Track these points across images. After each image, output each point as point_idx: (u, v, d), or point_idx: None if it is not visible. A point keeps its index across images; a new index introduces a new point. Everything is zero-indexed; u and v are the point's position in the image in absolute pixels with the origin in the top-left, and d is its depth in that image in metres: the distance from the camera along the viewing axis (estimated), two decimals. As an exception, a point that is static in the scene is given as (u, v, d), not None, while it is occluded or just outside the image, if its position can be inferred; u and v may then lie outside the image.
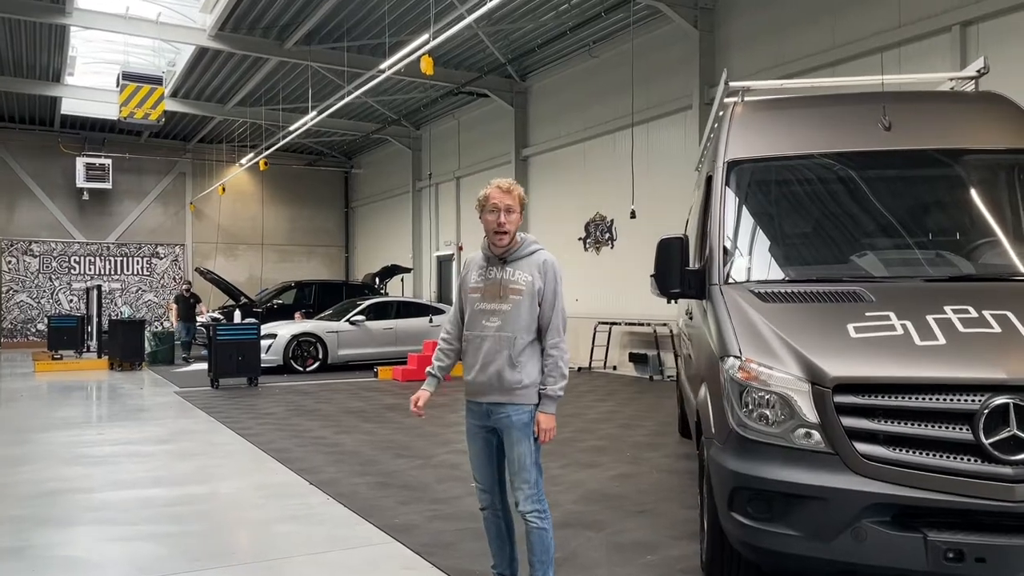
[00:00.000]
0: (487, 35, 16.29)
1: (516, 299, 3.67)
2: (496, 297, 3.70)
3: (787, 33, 12.52)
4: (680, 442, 8.26)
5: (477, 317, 3.75)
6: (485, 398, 3.74)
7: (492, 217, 3.70)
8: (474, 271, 3.84)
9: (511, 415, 3.70)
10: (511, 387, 3.67)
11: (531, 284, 3.69)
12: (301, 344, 16.06)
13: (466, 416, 3.88)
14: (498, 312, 3.68)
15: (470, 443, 3.90)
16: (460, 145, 22.08)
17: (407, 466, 7.29)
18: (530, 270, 3.72)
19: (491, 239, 3.76)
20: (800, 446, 3.45)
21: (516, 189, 3.76)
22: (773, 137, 4.93)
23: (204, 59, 18.40)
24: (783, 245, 4.53)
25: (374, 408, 11.07)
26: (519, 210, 3.74)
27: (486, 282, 3.76)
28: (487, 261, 3.80)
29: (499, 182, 3.76)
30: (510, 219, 3.69)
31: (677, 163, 14.49)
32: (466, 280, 3.86)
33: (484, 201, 3.74)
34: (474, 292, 3.79)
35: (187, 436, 8.98)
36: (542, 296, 3.70)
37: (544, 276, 3.72)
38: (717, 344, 3.96)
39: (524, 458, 3.72)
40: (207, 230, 27.54)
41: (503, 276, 3.71)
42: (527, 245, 3.79)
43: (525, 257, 3.75)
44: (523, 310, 3.66)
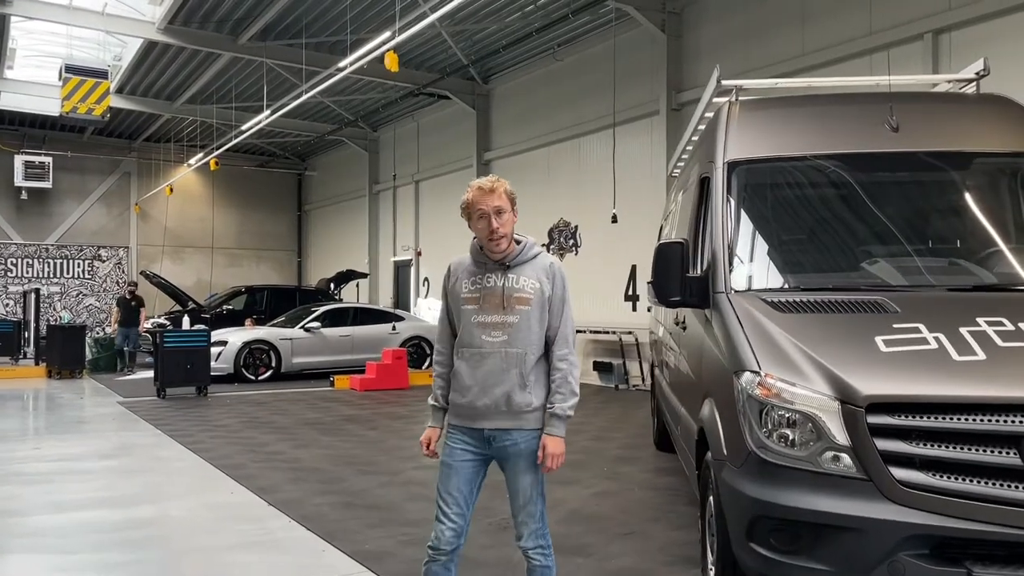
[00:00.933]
0: (450, 35, 15.91)
1: (524, 309, 3.23)
2: (499, 308, 3.23)
3: (757, 39, 12.38)
4: (657, 455, 7.95)
5: (474, 331, 3.26)
6: (487, 423, 3.26)
7: (482, 224, 3.24)
8: (465, 278, 3.34)
9: (519, 442, 3.26)
10: (520, 410, 3.23)
11: (539, 292, 3.26)
12: (253, 352, 15.45)
13: (450, 442, 3.35)
14: (503, 325, 3.22)
15: (451, 474, 3.32)
16: (419, 148, 21.63)
17: (373, 483, 6.85)
18: (536, 275, 3.29)
19: (487, 247, 3.29)
20: (829, 471, 3.14)
21: (500, 185, 3.26)
22: (776, 137, 4.65)
23: (152, 54, 17.68)
24: (793, 251, 4.24)
25: (333, 420, 10.57)
26: (511, 208, 3.27)
27: (484, 291, 3.27)
28: (481, 267, 3.32)
29: (480, 182, 3.27)
30: (503, 221, 3.23)
31: (643, 169, 14.28)
32: (456, 289, 3.36)
33: (468, 207, 3.27)
34: (469, 303, 3.29)
35: (132, 451, 8.40)
36: (550, 304, 3.29)
37: (552, 281, 3.31)
38: (729, 357, 3.63)
39: (531, 490, 3.29)
40: (153, 232, 26.59)
41: (506, 284, 3.25)
42: (530, 247, 3.35)
43: (529, 261, 3.32)
44: (533, 321, 3.24)
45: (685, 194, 6.38)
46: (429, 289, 21.33)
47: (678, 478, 6.87)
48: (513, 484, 3.32)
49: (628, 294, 14.75)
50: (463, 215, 3.32)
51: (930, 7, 10.08)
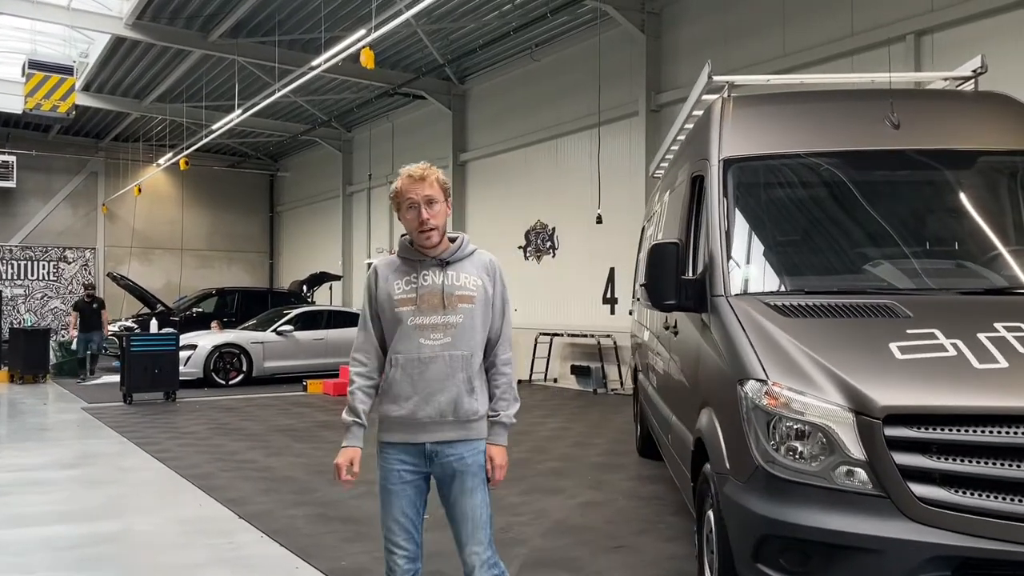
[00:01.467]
0: (427, 34, 15.64)
1: (468, 308, 2.99)
2: (438, 308, 2.97)
3: (737, 40, 12.26)
4: (640, 463, 7.75)
5: (411, 335, 2.96)
6: (429, 436, 2.96)
7: (412, 215, 2.98)
8: (397, 279, 3.04)
9: (465, 456, 2.97)
10: (468, 419, 2.98)
11: (483, 289, 3.04)
12: (223, 355, 15.07)
13: (386, 464, 3.00)
14: (444, 326, 2.96)
15: (392, 499, 2.99)
16: (394, 149, 21.33)
17: (348, 494, 6.56)
18: (477, 272, 3.06)
19: (416, 240, 3.03)
20: (843, 487, 2.94)
21: (432, 173, 2.99)
22: (773, 134, 4.46)
23: (120, 50, 17.22)
24: (794, 252, 4.04)
25: (306, 426, 10.26)
26: (443, 198, 3.01)
27: (421, 290, 2.99)
28: (415, 265, 3.04)
29: (410, 169, 3.00)
30: (434, 212, 2.96)
31: (621, 170, 14.10)
32: (385, 290, 3.04)
33: (397, 196, 3.00)
34: (404, 304, 2.99)
35: (96, 460, 8.05)
36: (492, 301, 3.08)
37: (493, 279, 3.10)
38: (731, 364, 3.43)
39: (480, 511, 2.99)
40: (121, 233, 26.01)
41: (446, 281, 3.00)
42: (467, 244, 3.11)
43: (468, 257, 3.08)
44: (477, 321, 3.01)
45: (672, 194, 6.19)
46: (404, 292, 21.01)
47: (664, 487, 6.67)
48: (459, 507, 2.99)
49: (606, 296, 14.57)
50: (392, 205, 3.07)
51: (913, 8, 10.00)
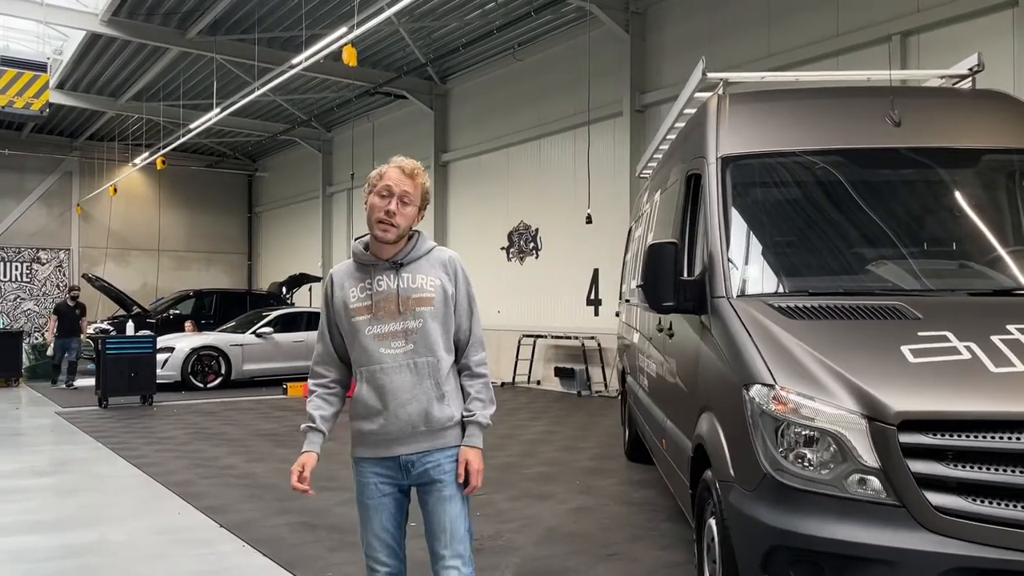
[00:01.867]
0: (408, 32, 15.47)
1: (426, 311, 2.79)
2: (394, 314, 2.78)
3: (722, 40, 12.20)
4: (630, 467, 7.64)
5: (371, 345, 2.78)
6: (403, 449, 2.79)
7: (380, 202, 2.76)
8: (351, 286, 2.85)
9: (442, 463, 2.81)
10: (442, 427, 2.81)
11: (441, 289, 2.83)
12: (202, 358, 14.85)
13: (361, 478, 2.86)
14: (404, 333, 2.78)
15: (371, 514, 2.85)
16: (375, 149, 21.11)
17: (332, 501, 6.40)
18: (435, 272, 2.85)
19: (372, 231, 2.81)
20: (856, 496, 2.83)
21: (421, 176, 2.84)
22: (773, 131, 4.36)
23: (96, 47, 16.88)
24: (797, 252, 3.94)
25: (287, 430, 10.06)
26: (419, 205, 2.82)
27: (375, 296, 2.80)
28: (368, 270, 2.84)
29: (402, 161, 2.82)
30: (403, 212, 2.77)
31: (605, 171, 14.01)
32: (340, 299, 2.86)
33: (376, 180, 2.80)
34: (359, 313, 2.80)
35: (71, 467, 7.82)
36: (456, 301, 2.88)
37: (454, 277, 2.88)
38: (736, 368, 3.31)
39: (458, 522, 2.83)
40: (96, 234, 25.59)
41: (401, 284, 2.80)
42: (424, 241, 2.90)
43: (424, 256, 2.87)
44: (437, 324, 2.81)
45: (665, 194, 6.09)
46: (385, 293, 20.81)
47: (656, 491, 6.57)
48: (437, 517, 2.82)
49: (590, 298, 14.47)
50: (365, 188, 2.86)
51: (898, 9, 9.99)
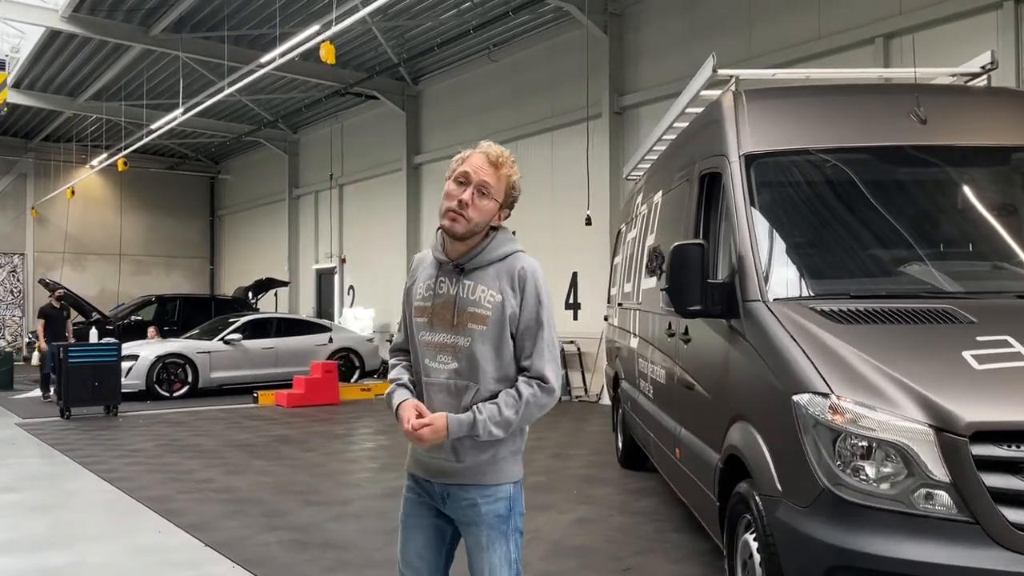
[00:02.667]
0: (382, 31, 15.18)
1: (476, 330, 2.42)
2: (448, 324, 2.45)
3: (701, 42, 12.10)
4: (625, 475, 7.45)
5: (422, 353, 2.51)
6: (439, 476, 2.51)
7: (455, 189, 2.43)
8: (422, 279, 2.57)
9: (479, 503, 2.46)
10: (475, 461, 2.46)
11: (499, 307, 2.42)
12: (167, 366, 14.32)
13: (406, 492, 2.61)
14: (454, 348, 2.44)
15: (408, 536, 2.58)
16: (344, 150, 20.76)
17: (322, 516, 6.11)
18: (499, 284, 2.44)
19: (442, 221, 2.46)
20: (924, 512, 2.66)
21: (508, 167, 2.46)
22: (797, 128, 4.20)
23: (55, 44, 16.32)
24: (832, 253, 3.78)
25: (263, 440, 9.71)
26: (500, 200, 2.46)
27: (436, 299, 2.50)
28: (437, 267, 2.54)
29: (490, 149, 2.47)
30: (479, 205, 2.41)
31: (583, 173, 13.85)
32: (412, 292, 2.59)
33: (457, 164, 2.47)
34: (419, 314, 2.53)
35: (39, 482, 7.40)
36: (518, 324, 2.44)
37: (522, 293, 2.45)
38: (781, 376, 3.13)
39: (500, 570, 2.47)
40: (52, 238, 24.80)
41: (460, 293, 2.45)
42: (499, 244, 2.49)
43: (493, 263, 2.47)
44: (487, 348, 2.42)
45: (668, 195, 5.92)
46: (355, 298, 20.45)
47: (658, 500, 6.39)
48: (476, 563, 2.49)
49: (569, 302, 14.31)
50: (447, 174, 2.51)
51: (881, 11, 9.97)
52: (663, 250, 5.88)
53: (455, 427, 2.40)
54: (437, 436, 2.40)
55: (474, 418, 2.40)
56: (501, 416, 2.41)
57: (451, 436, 2.40)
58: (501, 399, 2.43)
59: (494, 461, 2.49)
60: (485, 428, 2.39)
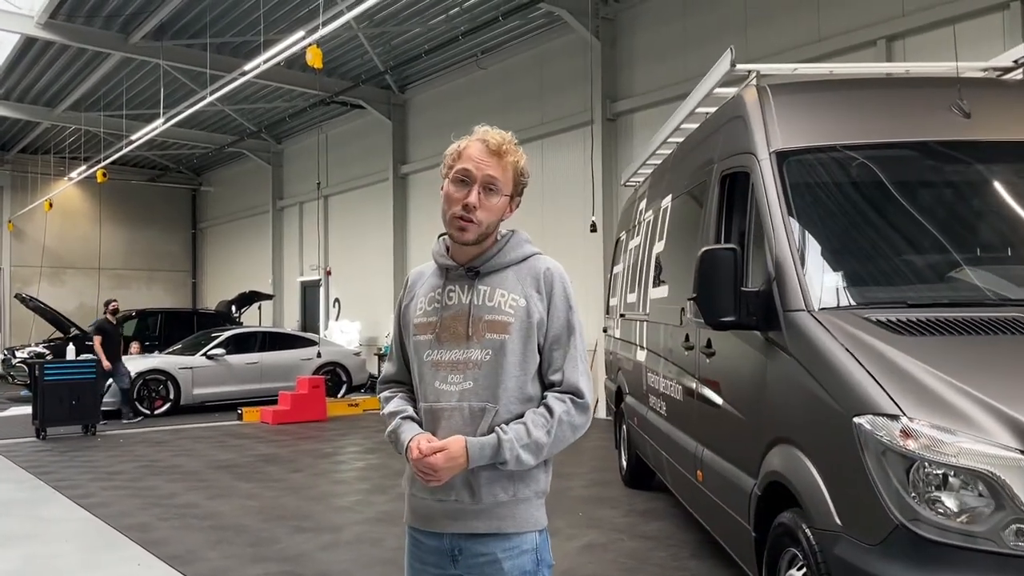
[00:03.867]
0: (368, 38, 14.84)
1: (498, 340, 2.07)
2: (461, 338, 2.10)
3: (696, 47, 11.85)
4: (631, 495, 7.10)
5: (427, 375, 2.13)
6: (450, 525, 2.10)
7: (456, 191, 2.10)
8: (421, 294, 2.22)
9: (500, 559, 2.07)
10: (496, 503, 2.07)
11: (524, 312, 2.09)
12: (148, 383, 13.84)
13: (408, 552, 2.21)
14: (466, 365, 2.08)
15: None
16: (328, 161, 20.36)
17: (314, 544, 5.72)
18: (522, 287, 2.12)
19: (449, 230, 2.15)
20: (1017, 551, 2.33)
21: (513, 153, 2.13)
22: (831, 123, 3.90)
23: (30, 53, 15.84)
24: (880, 257, 3.45)
25: (248, 460, 9.28)
26: (510, 192, 2.14)
27: (444, 312, 2.14)
28: (443, 275, 2.20)
29: (487, 134, 2.13)
30: (487, 204, 2.09)
31: (574, 182, 13.56)
32: (408, 311, 2.24)
33: (454, 159, 2.14)
34: (422, 331, 2.16)
35: (10, 509, 6.95)
36: (546, 332, 2.11)
37: (549, 297, 2.12)
38: (838, 394, 2.80)
39: None
40: (29, 252, 24.20)
41: (474, 300, 2.12)
42: (518, 244, 2.18)
43: (512, 266, 2.15)
44: (511, 359, 2.07)
45: (678, 199, 5.61)
46: (340, 311, 20.02)
47: (669, 523, 6.04)
48: None
49: (561, 314, 13.95)
50: (443, 169, 2.18)
51: (883, 13, 9.74)
52: (673, 257, 5.57)
53: (475, 452, 2.02)
54: (453, 464, 2.01)
55: (498, 440, 2.01)
56: (530, 437, 2.03)
57: (471, 463, 2.01)
58: (529, 418, 2.06)
59: (515, 503, 2.08)
60: (512, 452, 2.01)
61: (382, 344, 16.75)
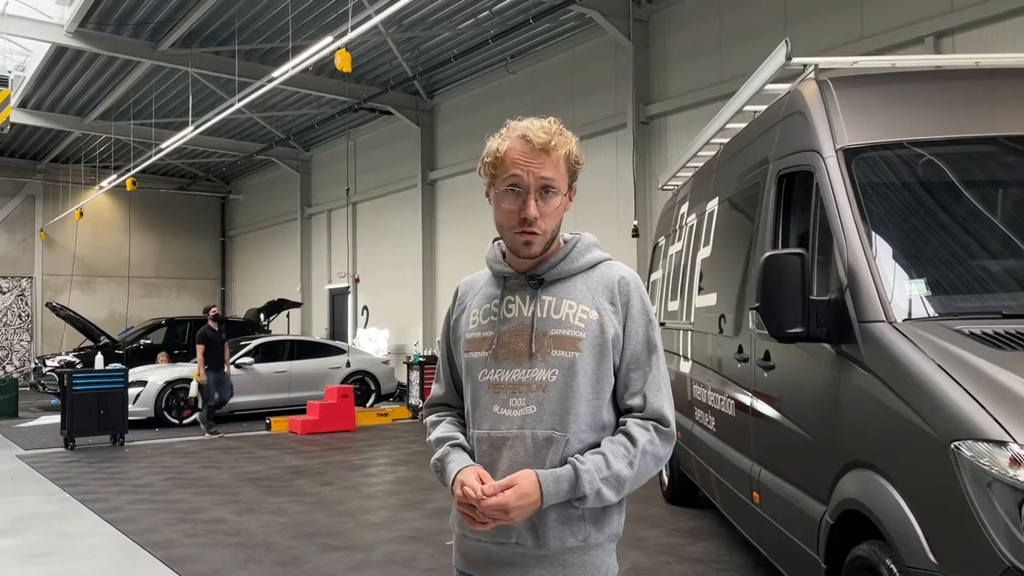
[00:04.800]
0: (397, 43, 14.67)
1: (567, 359, 1.81)
2: (522, 355, 1.84)
3: (733, 47, 11.53)
4: (674, 512, 6.79)
5: (483, 398, 1.87)
6: (506, 574, 1.83)
7: (512, 205, 1.83)
8: (475, 306, 1.96)
9: None
10: (565, 549, 1.80)
11: (597, 326, 1.83)
12: (176, 392, 13.74)
13: None
14: (529, 387, 1.82)
15: None
16: (357, 168, 20.25)
17: (344, 565, 5.48)
18: (593, 298, 1.85)
19: (511, 244, 1.89)
20: None
21: (562, 144, 1.86)
22: (903, 118, 3.59)
23: (61, 61, 15.86)
24: (965, 263, 3.15)
25: (277, 473, 9.08)
26: (565, 187, 1.88)
27: (501, 326, 1.88)
28: (500, 284, 1.94)
29: (528, 128, 1.85)
30: (548, 210, 1.84)
31: (606, 187, 13.27)
32: (459, 325, 1.99)
33: (496, 166, 1.87)
34: (475, 347, 1.91)
35: (34, 524, 6.79)
36: (622, 350, 1.85)
37: (626, 310, 1.85)
38: (931, 416, 2.50)
39: None
40: (60, 261, 24.34)
41: (538, 312, 1.85)
42: (585, 248, 1.93)
43: (581, 273, 1.90)
44: (583, 380, 1.81)
45: (726, 203, 5.31)
46: (369, 318, 19.85)
47: (715, 544, 5.73)
48: None
49: (594, 321, 13.65)
50: (484, 172, 1.91)
51: (931, 9, 9.36)
52: (721, 264, 5.28)
53: (550, 487, 1.73)
54: (525, 502, 1.71)
55: (575, 472, 1.74)
56: (610, 470, 1.75)
57: (546, 500, 1.73)
58: (607, 448, 1.79)
59: (586, 550, 1.81)
60: (592, 485, 1.73)
61: (411, 352, 16.53)
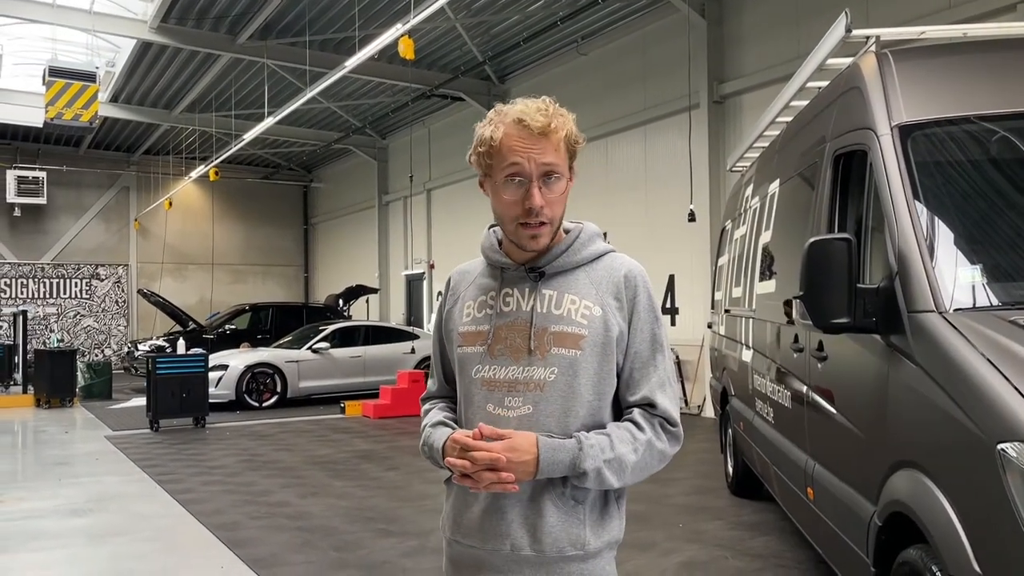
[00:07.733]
0: (466, 28, 14.65)
1: (567, 357, 1.72)
2: (520, 352, 1.74)
3: (810, 22, 11.04)
4: (738, 504, 6.60)
5: (476, 396, 1.77)
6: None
7: (512, 194, 1.72)
8: (469, 297, 1.86)
9: None
10: (559, 554, 1.70)
11: (601, 323, 1.73)
12: (256, 376, 14.15)
13: None
14: (527, 385, 1.72)
15: None
16: (431, 155, 20.38)
17: (397, 551, 5.51)
18: (597, 293, 1.76)
19: (515, 237, 1.77)
20: None
21: (561, 125, 1.73)
22: (967, 92, 3.33)
23: (147, 57, 16.46)
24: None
25: (345, 457, 9.24)
26: (567, 170, 1.75)
27: (498, 320, 1.78)
28: (496, 275, 1.84)
29: (524, 111, 1.72)
30: (552, 197, 1.72)
31: (679, 169, 12.95)
32: (451, 317, 1.89)
33: (492, 152, 1.74)
34: (469, 341, 1.81)
35: (110, 504, 7.08)
36: (627, 349, 1.76)
37: (631, 306, 1.76)
38: (978, 415, 2.31)
39: None
40: (153, 249, 25.37)
41: (538, 307, 1.76)
42: (588, 240, 1.81)
43: (584, 265, 1.79)
44: (584, 380, 1.72)
45: (786, 183, 5.08)
46: (444, 304, 20.01)
47: (775, 538, 5.53)
48: None
49: (665, 307, 13.40)
50: (477, 163, 1.79)
51: (1023, -27, 8.77)
52: (781, 248, 5.06)
53: (548, 454, 1.63)
54: (517, 459, 1.61)
55: (580, 444, 1.65)
56: (613, 452, 1.66)
57: (541, 468, 1.63)
58: (612, 430, 1.70)
59: (584, 559, 1.70)
60: (595, 462, 1.64)
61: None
